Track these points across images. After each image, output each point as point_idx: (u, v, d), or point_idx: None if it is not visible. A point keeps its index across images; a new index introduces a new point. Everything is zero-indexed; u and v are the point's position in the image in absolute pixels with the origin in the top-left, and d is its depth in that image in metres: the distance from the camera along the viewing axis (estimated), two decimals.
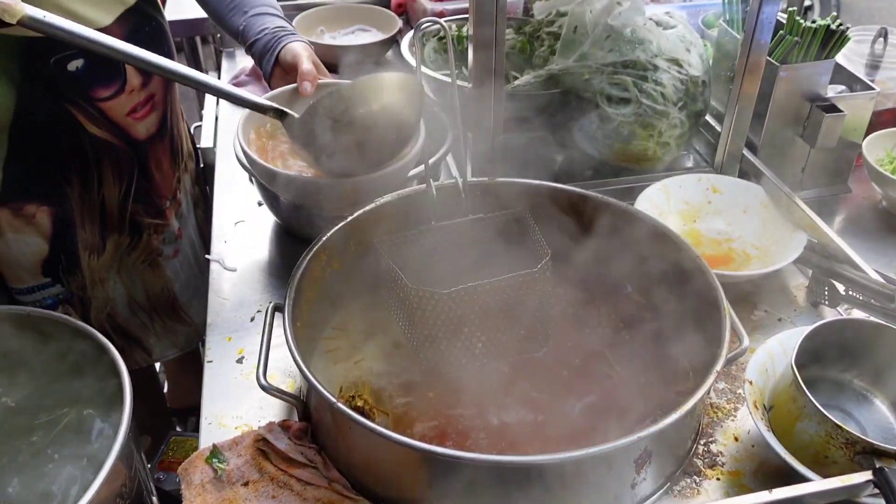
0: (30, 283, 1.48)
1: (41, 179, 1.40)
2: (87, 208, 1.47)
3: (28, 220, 1.41)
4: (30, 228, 1.42)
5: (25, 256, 1.45)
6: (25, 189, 1.39)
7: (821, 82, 1.41)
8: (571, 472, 0.88)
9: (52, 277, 1.49)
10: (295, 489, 1.00)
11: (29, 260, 1.45)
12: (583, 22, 1.41)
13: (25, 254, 1.44)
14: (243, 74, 1.96)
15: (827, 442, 0.93)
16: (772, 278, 1.32)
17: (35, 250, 1.45)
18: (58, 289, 1.51)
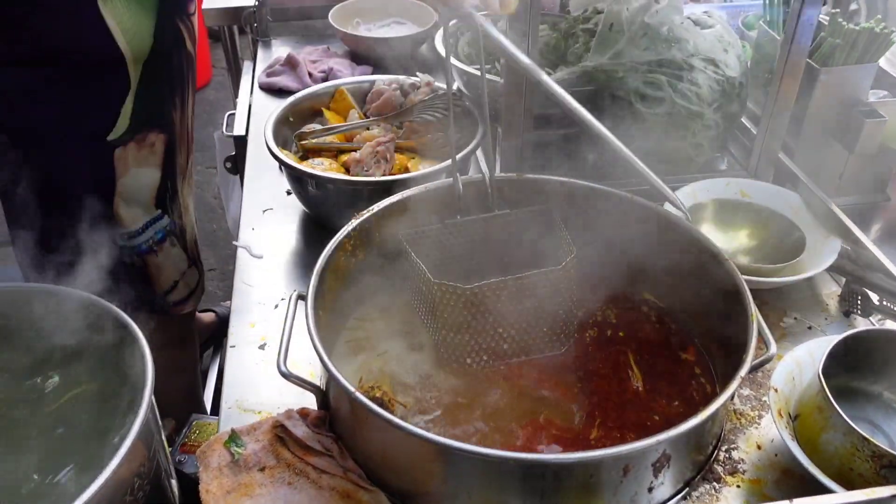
0: (144, 220, 1.54)
1: (159, 105, 1.48)
2: (183, 130, 1.57)
3: (149, 150, 1.49)
4: (150, 158, 1.50)
5: (143, 190, 1.52)
6: (148, 117, 1.46)
7: (862, 86, 1.37)
8: (588, 472, 0.87)
9: (161, 209, 1.57)
10: (310, 477, 1.00)
11: (146, 194, 1.52)
12: (619, 19, 1.39)
13: (143, 187, 1.51)
14: (278, 64, 1.97)
15: (853, 454, 0.90)
16: (803, 286, 1.30)
17: (150, 182, 1.52)
18: (165, 220, 1.59)
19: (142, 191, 1.52)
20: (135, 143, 1.45)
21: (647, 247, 1.20)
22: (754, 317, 1.00)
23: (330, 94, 1.58)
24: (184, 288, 1.71)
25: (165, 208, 1.59)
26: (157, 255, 1.61)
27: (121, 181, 1.47)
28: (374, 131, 1.50)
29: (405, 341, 1.20)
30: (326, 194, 1.36)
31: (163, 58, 1.44)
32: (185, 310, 1.75)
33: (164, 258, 1.63)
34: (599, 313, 1.24)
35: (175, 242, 1.64)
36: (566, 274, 1.15)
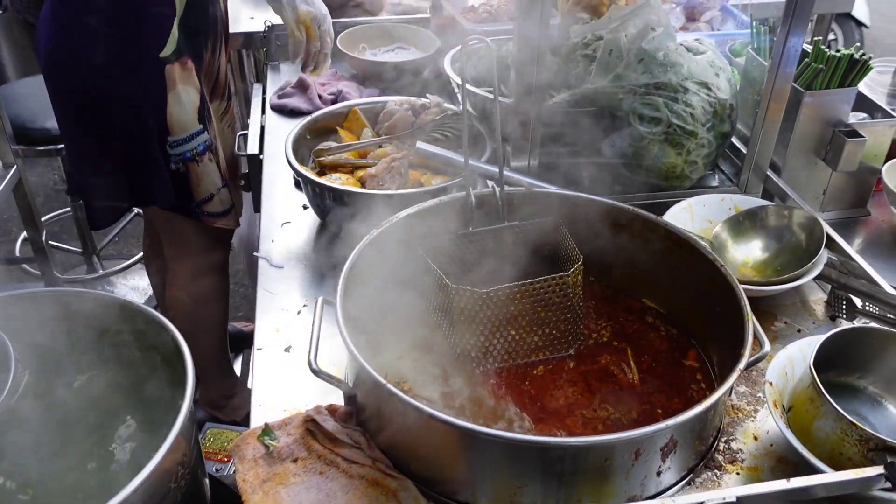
0: (191, 130, 1.80)
1: (195, 39, 1.79)
2: (211, 70, 1.91)
3: (189, 73, 1.77)
4: (190, 79, 1.77)
5: (189, 106, 1.78)
6: (187, 45, 1.75)
7: (843, 109, 1.48)
8: (603, 456, 0.94)
9: (202, 125, 1.83)
10: (341, 467, 1.07)
11: (190, 110, 1.79)
12: (618, 46, 1.49)
13: (188, 103, 1.78)
14: (289, 87, 2.05)
15: (842, 439, 0.99)
16: (792, 293, 1.39)
17: (193, 99, 1.79)
18: (205, 136, 1.84)
19: (187, 105, 1.77)
20: (178, 63, 1.73)
21: (649, 253, 1.29)
22: (749, 318, 1.09)
23: (344, 114, 1.67)
24: (219, 203, 1.93)
25: (205, 125, 1.83)
26: (198, 165, 1.84)
27: (171, 94, 1.74)
28: (387, 149, 1.58)
29: (422, 345, 1.27)
30: (344, 207, 1.44)
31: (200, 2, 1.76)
32: (218, 223, 1.97)
33: (204, 169, 1.86)
34: (604, 318, 1.32)
35: (212, 158, 1.88)
36: (574, 280, 1.23)
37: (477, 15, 2.10)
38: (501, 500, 1.00)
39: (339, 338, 1.24)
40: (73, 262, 3.32)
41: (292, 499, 1.03)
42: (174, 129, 1.78)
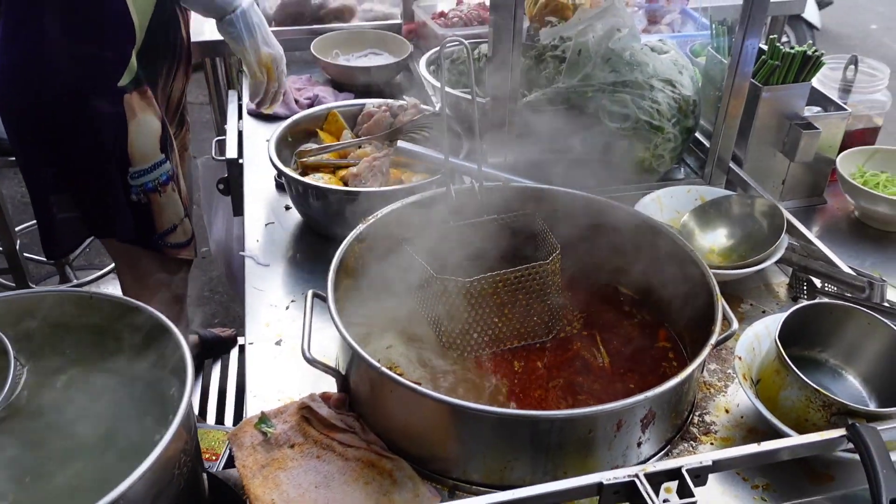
0: (153, 160, 1.79)
1: (153, 67, 1.79)
2: (161, 95, 1.88)
3: (148, 101, 1.76)
4: (150, 108, 1.77)
5: (150, 135, 1.77)
6: (146, 74, 1.75)
7: (798, 103, 1.57)
8: (588, 427, 1.00)
9: (165, 154, 1.82)
10: (337, 450, 1.11)
11: (152, 139, 1.78)
12: (586, 46, 1.57)
13: (150, 132, 1.77)
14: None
15: (807, 406, 1.06)
16: (756, 277, 1.47)
17: (154, 128, 1.78)
18: (167, 165, 1.83)
19: (149, 135, 1.76)
20: (137, 92, 1.73)
21: (621, 241, 1.36)
22: (719, 298, 1.16)
23: (323, 116, 1.72)
24: (182, 233, 1.93)
25: (167, 154, 1.83)
26: (160, 195, 1.84)
27: (132, 123, 1.72)
28: (366, 149, 1.63)
29: (408, 334, 1.32)
30: (328, 205, 1.49)
31: (161, 29, 1.76)
32: (181, 254, 1.97)
33: (167, 199, 1.85)
34: (581, 305, 1.38)
35: (175, 188, 1.87)
36: (552, 268, 1.29)
37: (448, 20, 2.17)
38: (492, 475, 1.05)
39: (328, 331, 1.29)
40: (45, 272, 3.30)
41: (291, 482, 1.07)
42: (135, 160, 1.76)
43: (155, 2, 1.72)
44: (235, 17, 1.74)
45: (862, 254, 1.59)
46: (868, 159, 1.70)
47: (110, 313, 1.19)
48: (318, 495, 1.05)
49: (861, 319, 1.15)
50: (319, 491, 1.06)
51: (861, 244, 1.62)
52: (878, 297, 1.24)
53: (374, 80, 2.14)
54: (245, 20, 1.76)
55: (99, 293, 1.21)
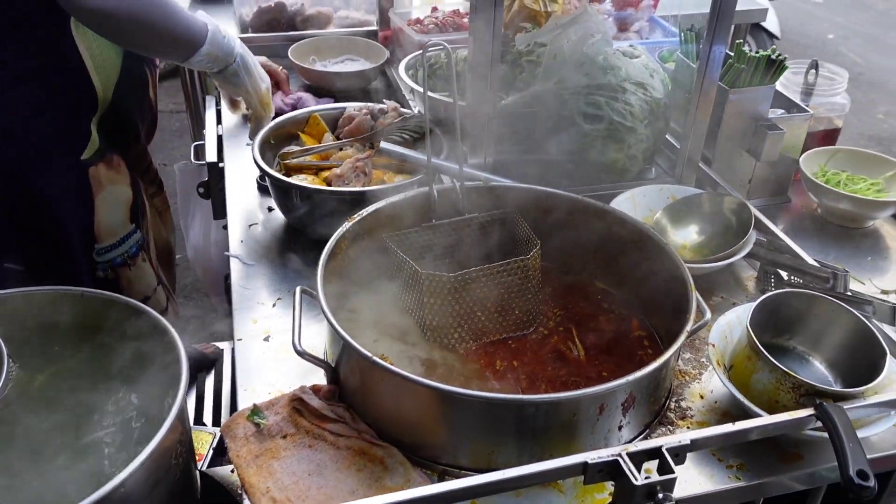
0: (122, 233, 1.70)
1: (123, 133, 1.70)
2: (138, 158, 1.79)
3: (117, 170, 1.67)
4: (119, 177, 1.68)
5: (119, 206, 1.68)
6: (113, 142, 1.66)
7: (764, 105, 1.64)
8: (572, 411, 1.05)
9: (135, 223, 1.73)
10: (328, 440, 1.14)
11: (122, 210, 1.69)
12: (561, 51, 1.62)
13: (119, 203, 1.68)
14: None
15: (777, 388, 1.12)
16: (726, 271, 1.53)
17: (125, 198, 1.70)
18: (138, 235, 1.74)
19: (118, 206, 1.68)
20: (104, 163, 1.63)
21: (600, 241, 1.42)
22: (693, 288, 1.22)
23: (305, 119, 1.75)
24: (155, 304, 1.83)
25: (138, 223, 1.74)
26: (129, 269, 1.74)
27: (98, 197, 1.63)
28: (348, 151, 1.67)
29: (394, 329, 1.35)
30: (312, 206, 1.52)
31: (128, 93, 1.66)
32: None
33: (136, 272, 1.77)
34: (559, 300, 1.43)
35: (146, 258, 1.79)
36: (533, 263, 1.34)
37: (424, 27, 2.22)
38: (480, 460, 1.09)
39: (315, 327, 1.33)
40: None
41: (285, 470, 1.10)
42: (102, 236, 1.66)
43: (119, 67, 1.62)
44: (237, 66, 1.64)
45: (825, 249, 1.66)
46: (830, 159, 1.78)
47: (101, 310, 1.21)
48: (311, 482, 1.08)
49: (826, 307, 1.21)
50: (313, 478, 1.09)
51: (824, 240, 1.69)
52: (842, 286, 1.31)
53: (351, 86, 2.18)
54: (244, 64, 1.67)
55: (90, 291, 1.23)
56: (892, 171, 1.74)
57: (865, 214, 1.68)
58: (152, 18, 1.46)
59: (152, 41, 1.53)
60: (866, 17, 7.01)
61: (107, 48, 1.58)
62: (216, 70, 1.64)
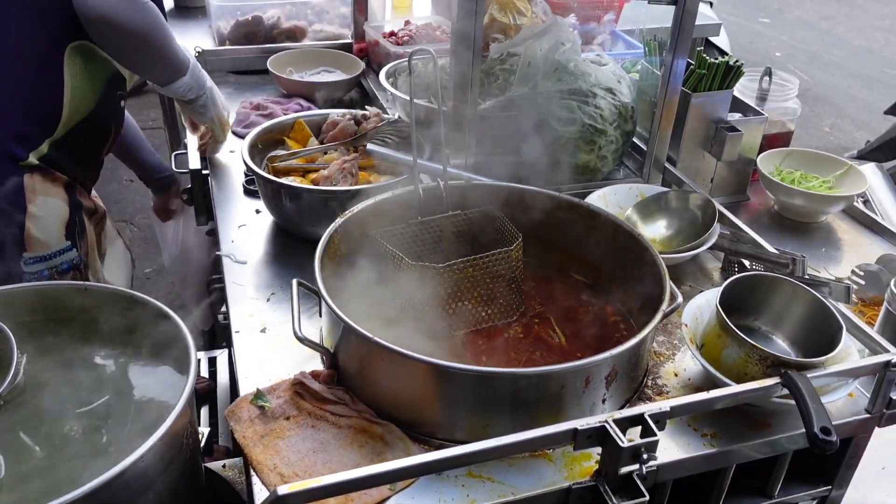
0: (54, 248, 1.69)
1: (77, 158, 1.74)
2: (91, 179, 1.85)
3: (54, 185, 1.69)
4: (55, 192, 1.69)
5: (54, 219, 1.68)
6: (63, 162, 1.69)
7: (723, 108, 1.76)
8: (560, 383, 1.13)
9: (71, 241, 1.72)
10: (330, 420, 1.21)
11: (56, 224, 1.69)
12: (535, 58, 1.72)
13: (53, 217, 1.68)
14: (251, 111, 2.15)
15: (746, 361, 1.21)
16: (693, 262, 1.64)
17: (60, 213, 1.70)
18: (73, 253, 1.73)
19: (52, 220, 1.68)
20: (40, 173, 1.65)
21: (576, 235, 1.51)
22: (666, 272, 1.31)
23: (290, 125, 1.82)
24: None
25: (75, 242, 1.74)
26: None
27: (31, 206, 1.64)
28: (332, 155, 1.74)
29: (384, 318, 1.41)
30: (302, 205, 1.58)
31: (98, 124, 1.75)
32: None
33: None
34: (539, 291, 1.52)
35: (77, 278, 1.76)
36: (516, 254, 1.43)
37: (398, 38, 2.30)
38: (475, 433, 1.16)
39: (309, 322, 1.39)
40: None
41: (290, 448, 1.16)
42: (31, 246, 1.65)
43: (95, 103, 1.71)
44: (207, 98, 1.80)
45: (782, 242, 1.77)
46: (784, 159, 1.91)
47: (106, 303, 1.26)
48: (316, 458, 1.14)
49: (787, 288, 1.32)
50: (318, 455, 1.15)
51: (781, 234, 1.82)
52: (800, 271, 1.42)
53: (328, 96, 2.25)
54: (212, 97, 1.83)
55: (94, 284, 1.28)
56: (841, 170, 1.88)
57: (818, 209, 1.81)
58: (153, 37, 1.57)
59: (146, 59, 1.65)
60: (810, 36, 7.33)
61: (87, 85, 1.67)
62: (189, 98, 1.77)
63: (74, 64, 1.64)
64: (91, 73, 1.68)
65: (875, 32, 7.57)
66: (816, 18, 7.83)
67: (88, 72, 1.67)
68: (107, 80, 1.73)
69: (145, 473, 1.00)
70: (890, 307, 1.32)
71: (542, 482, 1.13)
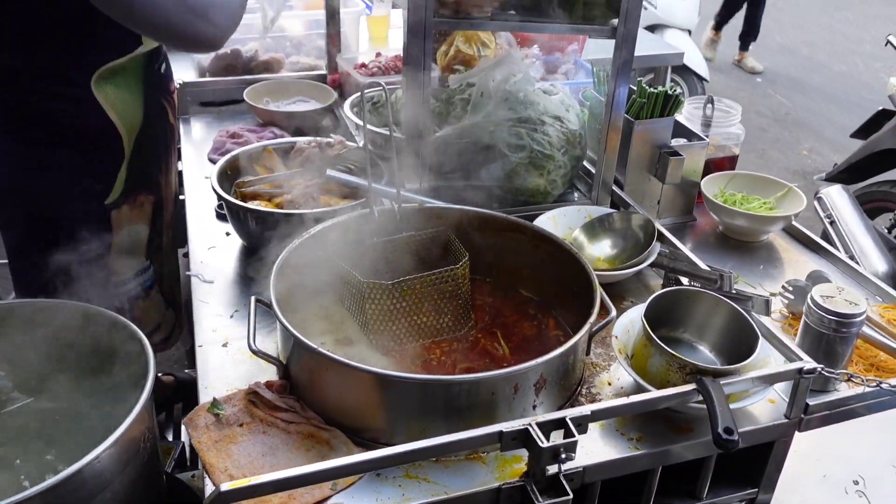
0: (135, 269, 1.83)
1: (148, 172, 1.80)
2: (168, 191, 1.91)
3: (140, 210, 1.79)
4: (141, 216, 1.80)
5: (135, 245, 1.80)
6: (139, 183, 1.76)
7: (665, 134, 1.87)
8: (490, 389, 1.22)
9: (150, 259, 1.85)
10: (280, 426, 1.29)
11: (138, 247, 1.81)
12: (488, 88, 1.83)
13: (135, 242, 1.80)
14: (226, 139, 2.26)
15: (668, 370, 1.31)
16: (636, 279, 1.73)
17: (142, 236, 1.81)
18: (150, 272, 1.87)
19: (134, 245, 1.80)
20: (127, 205, 1.75)
21: (522, 254, 1.61)
22: (597, 287, 1.41)
23: (259, 152, 1.93)
24: (165, 329, 1.99)
25: (152, 259, 1.87)
26: (143, 301, 1.88)
27: (116, 238, 1.75)
28: (298, 180, 1.84)
29: (339, 334, 1.52)
30: (266, 227, 1.68)
31: (150, 131, 1.77)
32: (169, 346, 2.05)
33: (149, 303, 1.91)
34: (488, 307, 1.61)
35: (159, 289, 1.93)
36: (462, 272, 1.53)
37: (368, 70, 2.42)
38: (413, 437, 1.24)
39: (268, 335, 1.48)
40: None
41: (242, 452, 1.25)
42: (116, 272, 1.77)
43: (142, 105, 1.72)
44: None
45: (726, 261, 1.88)
46: (728, 182, 2.01)
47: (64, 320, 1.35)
48: (265, 461, 1.23)
49: (709, 301, 1.42)
50: (266, 458, 1.24)
51: (725, 253, 1.92)
52: (728, 286, 1.51)
53: (302, 124, 2.36)
54: None
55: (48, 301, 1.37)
56: (782, 192, 1.98)
57: (759, 229, 1.91)
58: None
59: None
60: (791, 62, 7.49)
61: (127, 96, 1.68)
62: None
63: (104, 91, 1.63)
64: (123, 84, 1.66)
65: (855, 58, 7.74)
66: (798, 44, 8.00)
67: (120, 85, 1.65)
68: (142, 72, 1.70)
69: (102, 474, 1.09)
70: (808, 320, 1.41)
71: (475, 483, 1.21)
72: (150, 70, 1.74)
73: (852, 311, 1.37)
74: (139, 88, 1.71)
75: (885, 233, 3.26)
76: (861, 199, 3.48)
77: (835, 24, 8.23)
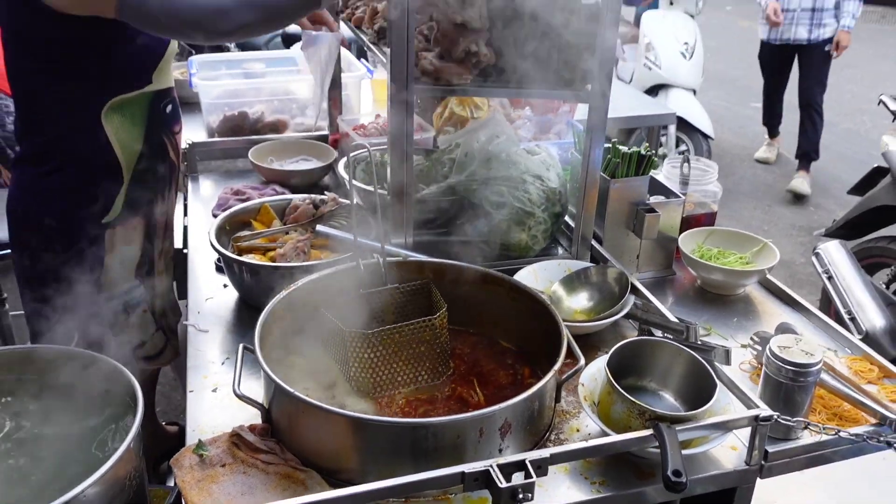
0: (123, 287, 1.95)
1: (144, 200, 1.94)
2: (162, 219, 2.03)
3: (132, 232, 1.93)
4: (132, 238, 1.94)
5: (125, 264, 1.93)
6: (134, 208, 1.91)
7: (642, 191, 1.96)
8: (456, 433, 1.29)
9: (139, 280, 1.98)
10: (260, 467, 1.37)
11: (127, 266, 1.94)
12: (472, 149, 1.94)
13: (126, 261, 1.93)
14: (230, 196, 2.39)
15: (629, 416, 1.37)
16: (612, 330, 1.80)
17: (133, 257, 1.95)
18: (141, 290, 1.99)
19: (125, 264, 1.93)
20: (122, 226, 1.89)
21: (500, 306, 1.69)
22: (565, 335, 1.48)
23: (256, 209, 2.04)
24: (151, 347, 2.09)
25: (142, 279, 2.00)
26: (127, 317, 1.99)
27: (108, 256, 1.89)
28: (292, 235, 1.95)
29: (323, 380, 1.60)
30: (258, 279, 1.78)
31: (149, 163, 1.91)
32: (155, 365, 2.14)
33: (135, 320, 2.01)
34: (466, 355, 1.69)
35: (147, 309, 2.04)
36: (440, 322, 1.61)
37: (367, 130, 2.55)
38: (383, 477, 1.31)
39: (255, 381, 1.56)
40: None
41: (222, 491, 1.32)
42: (106, 286, 1.91)
43: (143, 137, 1.88)
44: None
45: (702, 313, 1.94)
46: (707, 238, 2.09)
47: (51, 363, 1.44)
48: (243, 500, 1.30)
49: (671, 350, 1.49)
50: (245, 497, 1.31)
51: (702, 305, 1.98)
52: (693, 337, 1.58)
53: (303, 182, 2.48)
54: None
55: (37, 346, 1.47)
56: (757, 247, 2.05)
57: (735, 283, 1.98)
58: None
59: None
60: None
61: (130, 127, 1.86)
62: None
63: (111, 120, 1.81)
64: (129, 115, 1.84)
65: (863, 116, 7.83)
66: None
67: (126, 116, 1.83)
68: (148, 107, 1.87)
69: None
70: (767, 370, 1.47)
71: None
72: (156, 108, 1.91)
73: (808, 360, 1.43)
74: (142, 122, 1.87)
75: (882, 288, 3.30)
76: (859, 255, 3.52)
77: (843, 82, 8.33)
